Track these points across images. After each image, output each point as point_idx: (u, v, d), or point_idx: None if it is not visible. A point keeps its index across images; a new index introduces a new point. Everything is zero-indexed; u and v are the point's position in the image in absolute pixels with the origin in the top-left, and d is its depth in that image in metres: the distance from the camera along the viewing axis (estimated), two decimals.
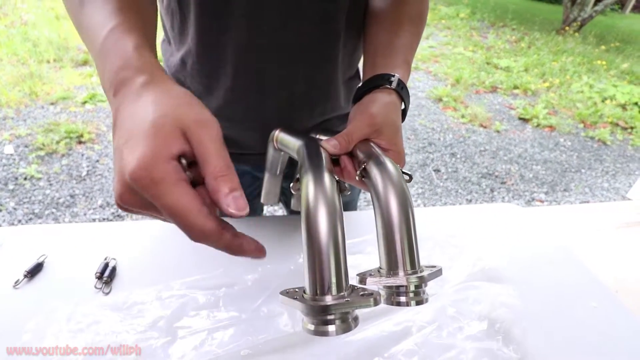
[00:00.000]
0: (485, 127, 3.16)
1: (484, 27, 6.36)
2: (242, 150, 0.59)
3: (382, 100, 0.42)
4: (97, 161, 2.18)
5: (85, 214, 1.83)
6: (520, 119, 3.40)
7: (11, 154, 2.16)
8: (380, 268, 0.33)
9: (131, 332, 0.40)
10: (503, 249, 0.60)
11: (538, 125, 3.30)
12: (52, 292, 0.44)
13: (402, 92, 0.44)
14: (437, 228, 0.63)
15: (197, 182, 0.28)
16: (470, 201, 2.29)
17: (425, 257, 0.55)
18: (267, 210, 1.82)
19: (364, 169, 0.37)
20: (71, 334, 0.39)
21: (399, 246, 0.32)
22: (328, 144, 0.39)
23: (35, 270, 0.46)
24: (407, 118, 3.39)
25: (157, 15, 0.41)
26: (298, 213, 0.32)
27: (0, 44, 3.45)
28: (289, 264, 0.51)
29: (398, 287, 0.31)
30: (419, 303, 0.32)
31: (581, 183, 2.63)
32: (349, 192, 0.37)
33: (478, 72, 4.22)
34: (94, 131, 2.42)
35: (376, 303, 0.29)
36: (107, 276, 0.46)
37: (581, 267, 0.59)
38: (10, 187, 1.94)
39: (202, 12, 0.46)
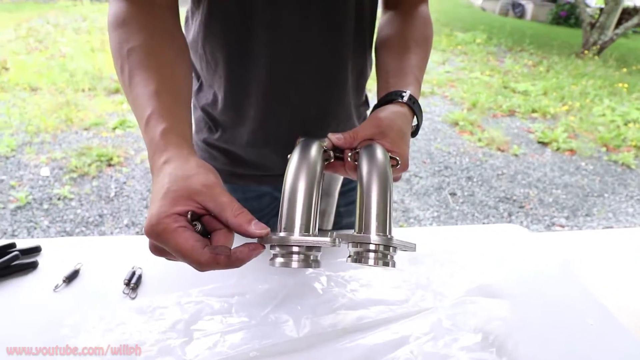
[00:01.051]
0: (502, 151, 3.15)
1: (501, 52, 6.40)
2: (262, 172, 0.65)
3: (391, 109, 0.47)
4: (125, 183, 2.30)
5: (112, 233, 1.93)
6: (539, 142, 3.37)
7: (47, 176, 2.31)
8: (354, 231, 0.37)
9: (153, 332, 0.45)
10: (503, 267, 0.63)
11: (558, 149, 3.26)
12: (87, 296, 0.50)
13: (413, 106, 0.48)
14: (440, 245, 0.66)
15: (208, 231, 0.36)
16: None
17: (425, 272, 0.59)
18: None
19: (356, 152, 0.42)
20: (102, 332, 0.45)
21: (374, 211, 0.36)
22: (333, 136, 0.45)
23: (72, 277, 0.52)
24: (422, 142, 3.38)
25: (190, 74, 0.48)
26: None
27: (41, 75, 3.74)
28: (296, 275, 0.55)
29: (367, 246, 0.35)
30: (385, 265, 0.35)
31: (604, 208, 2.56)
32: (332, 160, 0.43)
33: (495, 96, 4.23)
34: (122, 155, 2.57)
35: (334, 243, 0.34)
36: (134, 283, 0.52)
37: (581, 287, 0.60)
38: (45, 206, 2.07)
39: (230, 56, 0.53)
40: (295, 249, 0.34)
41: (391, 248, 0.35)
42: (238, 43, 0.52)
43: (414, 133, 0.52)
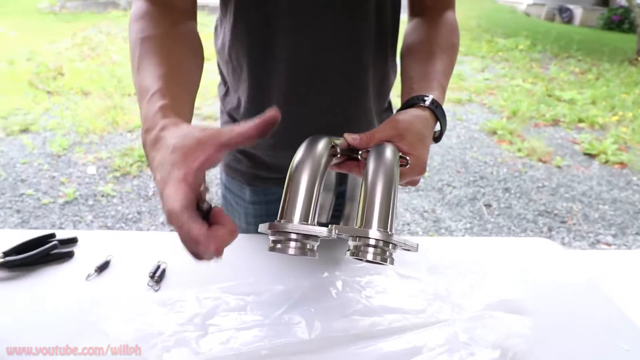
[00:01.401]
0: (544, 162, 2.99)
1: (546, 58, 6.12)
2: (283, 175, 0.67)
3: (412, 113, 0.47)
4: None
5: (148, 229, 2.02)
6: (585, 154, 3.17)
7: (93, 174, 2.47)
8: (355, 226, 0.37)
9: (172, 324, 0.47)
10: (528, 282, 0.60)
11: (606, 161, 3.06)
12: (115, 285, 0.53)
13: (436, 110, 0.48)
14: (465, 256, 0.64)
15: (211, 220, 0.34)
16: None
17: (444, 283, 0.57)
18: None
19: (367, 151, 0.42)
20: (127, 320, 0.47)
21: (376, 207, 0.35)
22: (350, 136, 0.44)
23: (103, 267, 0.56)
24: (457, 151, 3.29)
25: (200, 74, 0.49)
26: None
27: (92, 80, 4.02)
28: (312, 278, 0.56)
29: (367, 240, 0.35)
30: (384, 260, 0.35)
31: None
32: (339, 155, 0.42)
33: (537, 104, 4.04)
34: None
35: (330, 234, 0.34)
36: (158, 276, 0.54)
37: (613, 308, 0.56)
38: (90, 202, 2.21)
39: (253, 61, 0.55)
40: (293, 236, 0.34)
41: (391, 245, 0.35)
42: (261, 47, 0.54)
43: (438, 139, 0.51)
